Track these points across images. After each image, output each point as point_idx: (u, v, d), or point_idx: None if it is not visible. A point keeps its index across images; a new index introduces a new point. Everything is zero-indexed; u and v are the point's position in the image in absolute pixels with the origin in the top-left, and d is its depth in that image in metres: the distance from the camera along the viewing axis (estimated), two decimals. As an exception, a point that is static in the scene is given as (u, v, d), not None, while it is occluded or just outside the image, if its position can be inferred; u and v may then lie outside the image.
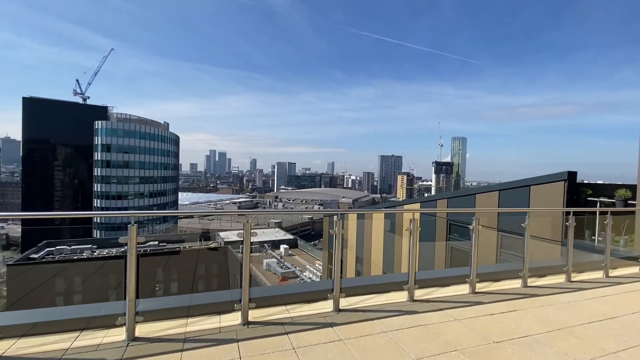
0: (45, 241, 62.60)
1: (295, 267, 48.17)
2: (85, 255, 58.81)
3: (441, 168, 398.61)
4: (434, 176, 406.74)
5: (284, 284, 41.68)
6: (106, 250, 61.71)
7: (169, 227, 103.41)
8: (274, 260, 51.04)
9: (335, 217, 15.24)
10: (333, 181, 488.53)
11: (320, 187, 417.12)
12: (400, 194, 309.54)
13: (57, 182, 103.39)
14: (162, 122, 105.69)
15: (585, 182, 8.59)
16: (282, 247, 59.07)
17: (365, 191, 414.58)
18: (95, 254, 60.16)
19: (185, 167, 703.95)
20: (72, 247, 61.56)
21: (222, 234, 71.78)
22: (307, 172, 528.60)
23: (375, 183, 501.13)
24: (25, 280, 51.35)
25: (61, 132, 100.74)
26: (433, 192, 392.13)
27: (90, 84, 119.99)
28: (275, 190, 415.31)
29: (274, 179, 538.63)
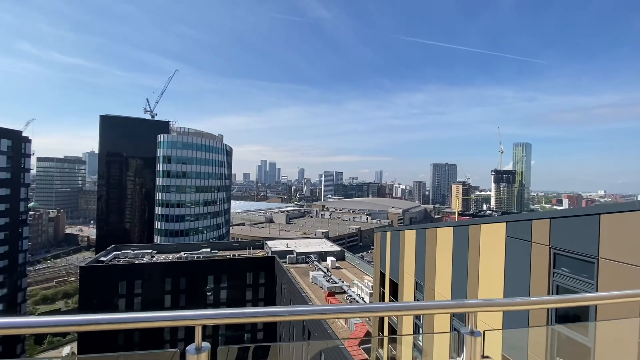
0: (113, 245, 68.37)
1: (343, 282, 45.67)
2: (145, 259, 62.82)
3: (502, 177, 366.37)
4: (493, 185, 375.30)
5: (331, 300, 39.43)
6: (163, 256, 65.41)
7: (222, 234, 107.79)
8: (321, 273, 49.14)
9: (388, 234, 12.55)
10: (381, 190, 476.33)
11: (367, 196, 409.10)
12: (456, 204, 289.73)
13: (128, 191, 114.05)
14: (217, 135, 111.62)
15: None
16: (329, 259, 57.02)
17: (417, 201, 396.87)
18: (154, 258, 64.03)
19: (238, 177, 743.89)
20: (135, 251, 66.32)
21: (269, 242, 72.13)
22: (354, 181, 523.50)
23: (427, 193, 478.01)
24: (95, 281, 55.76)
25: (131, 146, 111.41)
26: (492, 203, 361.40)
27: (157, 102, 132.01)
28: (322, 200, 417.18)
29: (321, 188, 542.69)
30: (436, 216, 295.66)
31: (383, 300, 18.58)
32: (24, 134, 74.82)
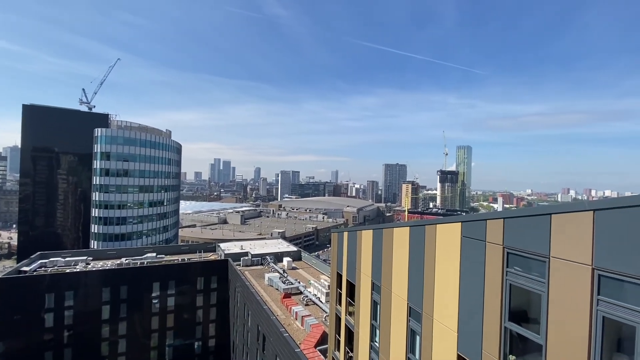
0: (39, 252, 60.24)
1: (299, 283, 45.03)
2: (79, 267, 56.26)
3: (446, 177, 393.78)
4: (438, 185, 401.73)
5: (287, 302, 38.62)
6: (101, 263, 59.20)
7: (169, 236, 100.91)
8: (276, 274, 47.97)
9: (345, 234, 12.15)
10: (337, 190, 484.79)
11: (324, 195, 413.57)
12: (406, 202, 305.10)
13: (60, 190, 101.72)
14: (165, 130, 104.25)
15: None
16: (286, 259, 56.01)
17: (370, 200, 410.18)
18: (90, 266, 57.61)
19: (189, 176, 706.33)
20: (67, 258, 59.12)
21: (223, 245, 69.01)
22: (311, 180, 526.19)
23: (379, 192, 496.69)
24: (15, 294, 48.61)
25: (64, 140, 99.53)
26: (438, 201, 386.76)
27: (96, 93, 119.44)
28: (279, 199, 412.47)
29: (277, 188, 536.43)
30: (388, 214, 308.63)
31: (339, 302, 18.34)
32: None
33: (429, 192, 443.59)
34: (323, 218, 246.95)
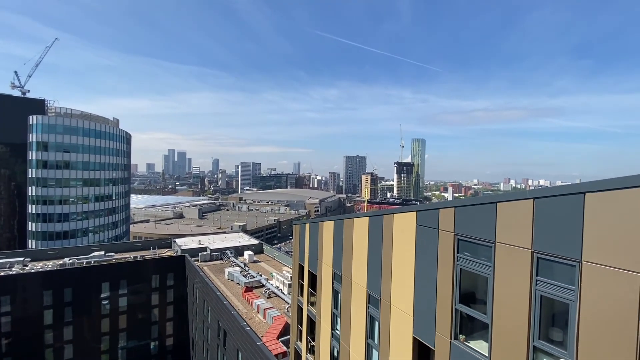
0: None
1: (261, 276, 44.57)
2: (15, 270, 50.55)
3: (402, 168, 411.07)
4: (395, 176, 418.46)
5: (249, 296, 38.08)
6: (40, 264, 53.74)
7: (120, 233, 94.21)
8: (237, 268, 47.00)
9: (307, 226, 12.10)
10: (299, 182, 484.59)
11: (286, 187, 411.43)
12: (365, 193, 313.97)
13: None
14: (112, 119, 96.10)
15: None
16: (247, 253, 55.03)
17: (332, 191, 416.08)
18: (28, 268, 52.02)
19: (140, 168, 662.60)
20: (1, 260, 52.81)
21: (179, 240, 65.96)
22: (273, 172, 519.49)
23: (340, 183, 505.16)
24: None
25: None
26: (395, 192, 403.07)
27: (30, 77, 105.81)
28: (239, 192, 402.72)
29: (237, 180, 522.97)
30: (349, 205, 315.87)
31: (301, 293, 18.41)
32: None
33: (387, 182, 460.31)
34: (285, 210, 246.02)
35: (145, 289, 54.96)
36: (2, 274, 48.24)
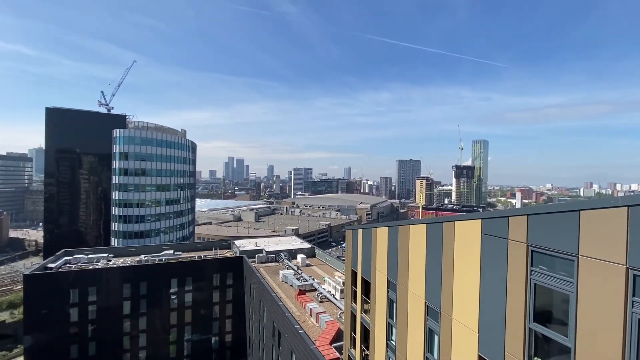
0: (64, 250, 62.63)
1: (314, 280, 45.14)
2: (101, 264, 58.18)
3: (462, 172, 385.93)
4: (454, 180, 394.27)
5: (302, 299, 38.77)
6: (121, 260, 61.02)
7: (186, 234, 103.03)
8: (291, 271, 48.25)
9: (359, 231, 11.95)
10: (350, 187, 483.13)
11: (337, 192, 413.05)
12: (420, 198, 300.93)
13: (82, 190, 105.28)
14: (180, 130, 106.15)
15: None
16: (300, 256, 56.24)
17: (384, 196, 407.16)
18: (111, 263, 59.49)
19: (204, 174, 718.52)
20: (89, 255, 61.21)
21: (238, 242, 69.90)
22: (324, 177, 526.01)
23: (393, 188, 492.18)
24: (42, 290, 50.74)
25: (84, 142, 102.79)
26: (454, 197, 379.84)
27: (114, 95, 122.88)
28: (292, 196, 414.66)
29: (290, 185, 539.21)
30: (402, 210, 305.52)
31: (355, 299, 18.19)
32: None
33: (444, 188, 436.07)
34: (336, 215, 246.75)
35: (207, 287, 59.12)
36: (91, 267, 55.73)
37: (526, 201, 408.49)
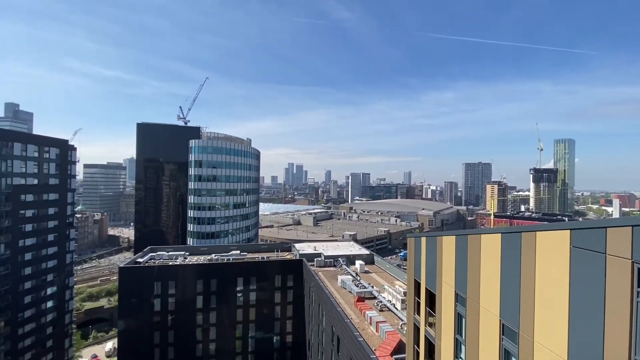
0: (149, 247, 71.23)
1: (373, 287, 44.21)
2: (179, 261, 64.80)
3: (541, 176, 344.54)
4: (532, 185, 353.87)
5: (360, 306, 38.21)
6: (195, 258, 67.15)
7: (251, 236, 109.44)
8: (349, 277, 47.96)
9: (423, 239, 11.29)
10: (410, 192, 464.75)
11: (396, 198, 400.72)
12: (491, 205, 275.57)
13: (164, 194, 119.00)
14: (246, 139, 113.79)
15: None
16: (358, 262, 55.66)
17: (448, 202, 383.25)
18: (187, 260, 65.89)
19: (266, 180, 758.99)
20: (169, 252, 68.62)
21: (297, 245, 71.92)
22: (382, 182, 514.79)
23: (459, 193, 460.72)
24: (132, 281, 58.22)
25: (166, 152, 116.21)
26: (532, 204, 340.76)
27: (190, 110, 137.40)
28: (349, 201, 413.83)
29: (348, 190, 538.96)
30: (469, 218, 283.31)
31: (418, 311, 17.29)
32: (71, 143, 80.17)
33: (520, 193, 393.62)
34: (396, 221, 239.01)
35: (269, 287, 61.80)
36: (170, 263, 62.27)
37: (627, 209, 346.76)
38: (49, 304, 71.89)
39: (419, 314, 17.25)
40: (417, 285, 17.11)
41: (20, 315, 65.20)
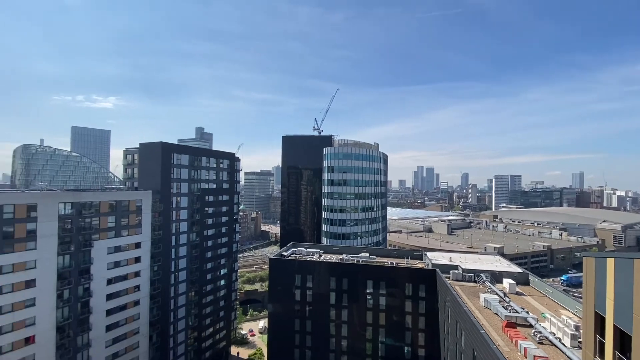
0: (291, 242, 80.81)
1: (528, 313, 36.44)
2: (315, 257, 70.87)
3: None
4: None
5: (510, 332, 32.18)
6: (329, 256, 71.86)
7: (379, 240, 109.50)
8: (495, 297, 41.06)
9: (609, 261, 8.33)
10: (583, 198, 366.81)
11: (560, 205, 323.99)
12: None
13: (302, 197, 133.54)
14: (373, 144, 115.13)
15: None
16: (507, 281, 47.19)
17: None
18: (322, 257, 71.27)
19: (394, 184, 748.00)
20: (307, 249, 75.99)
21: (429, 254, 67.24)
22: (539, 186, 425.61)
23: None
24: (279, 271, 67.04)
25: (304, 159, 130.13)
26: None
27: (323, 120, 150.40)
28: (493, 209, 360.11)
29: (491, 195, 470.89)
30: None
31: (602, 354, 13.00)
32: (237, 156, 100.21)
33: None
34: (560, 235, 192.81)
35: (399, 295, 59.84)
36: (308, 259, 68.52)
37: None
38: (222, 282, 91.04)
39: (603, 357, 12.96)
40: (600, 320, 12.90)
41: (204, 289, 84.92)
